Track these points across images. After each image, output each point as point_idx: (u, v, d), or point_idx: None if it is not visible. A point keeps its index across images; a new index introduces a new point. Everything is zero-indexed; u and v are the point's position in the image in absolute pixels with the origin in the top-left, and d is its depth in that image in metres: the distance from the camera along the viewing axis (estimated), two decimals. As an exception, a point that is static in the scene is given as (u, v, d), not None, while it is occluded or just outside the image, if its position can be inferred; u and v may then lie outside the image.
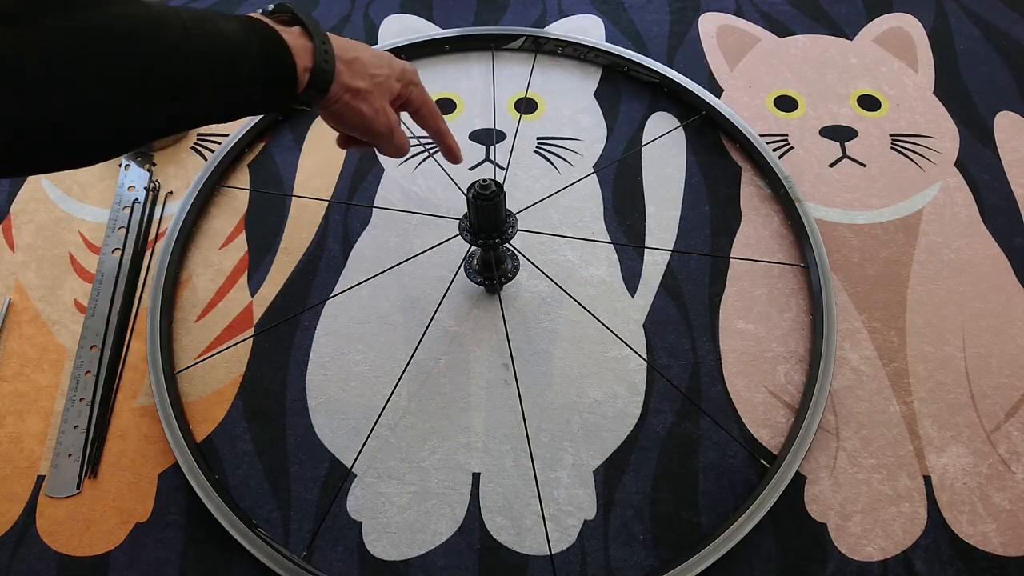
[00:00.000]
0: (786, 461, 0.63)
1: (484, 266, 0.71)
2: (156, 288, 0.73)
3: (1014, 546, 0.61)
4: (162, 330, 0.71)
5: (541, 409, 0.68)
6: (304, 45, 0.49)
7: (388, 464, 0.66)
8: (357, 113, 0.55)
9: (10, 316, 0.74)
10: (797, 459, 0.63)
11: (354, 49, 0.54)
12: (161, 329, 0.71)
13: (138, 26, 0.39)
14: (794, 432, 0.65)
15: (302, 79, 0.49)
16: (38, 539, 0.63)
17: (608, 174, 0.83)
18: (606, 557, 0.62)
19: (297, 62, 0.48)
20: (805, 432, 0.64)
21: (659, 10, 0.99)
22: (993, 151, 0.84)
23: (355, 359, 0.71)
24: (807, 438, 0.64)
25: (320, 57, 0.50)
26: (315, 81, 0.50)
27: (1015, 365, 0.70)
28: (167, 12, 0.41)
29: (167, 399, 0.67)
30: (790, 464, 0.63)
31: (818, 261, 0.73)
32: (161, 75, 0.40)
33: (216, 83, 0.44)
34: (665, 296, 0.75)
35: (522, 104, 0.89)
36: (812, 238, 0.74)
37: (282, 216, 0.81)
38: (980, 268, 0.76)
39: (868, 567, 0.61)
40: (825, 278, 0.72)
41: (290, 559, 0.59)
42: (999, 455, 0.65)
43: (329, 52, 0.51)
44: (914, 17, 0.98)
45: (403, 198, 0.82)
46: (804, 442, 0.64)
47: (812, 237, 0.74)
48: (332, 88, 0.52)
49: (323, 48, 0.50)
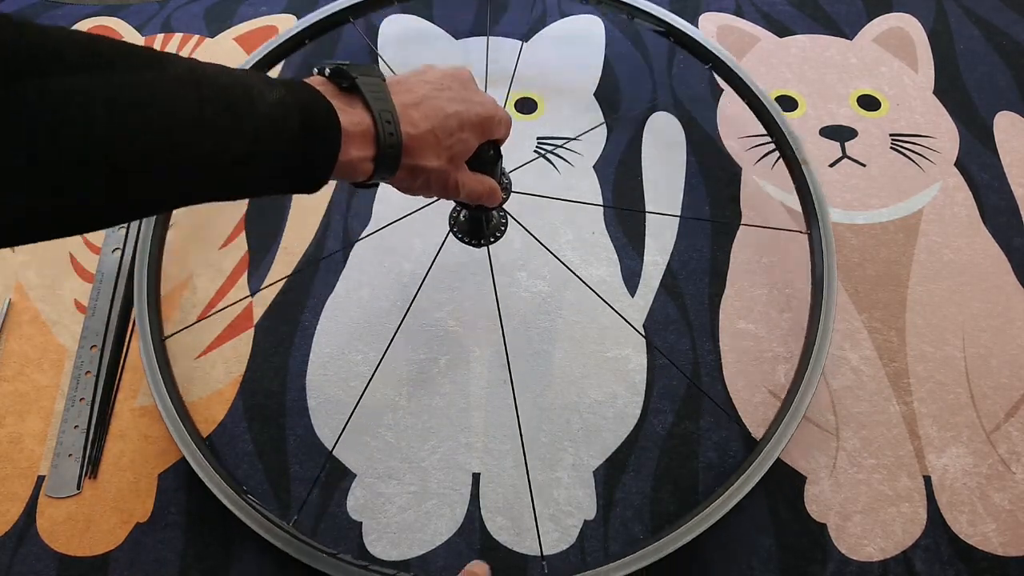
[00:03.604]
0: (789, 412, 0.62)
1: (472, 223, 0.63)
2: (143, 245, 0.71)
3: (1014, 546, 0.61)
4: (150, 292, 0.68)
5: (541, 409, 0.68)
6: (360, 124, 0.40)
7: (388, 464, 0.66)
8: (426, 193, 0.47)
9: (10, 316, 0.74)
10: (802, 408, 0.62)
11: (424, 108, 0.44)
12: (149, 291, 0.68)
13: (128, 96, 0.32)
14: (797, 380, 0.64)
15: (358, 169, 0.42)
16: (38, 539, 0.63)
17: (608, 174, 0.83)
18: (606, 557, 0.62)
19: (347, 148, 0.40)
20: (809, 379, 0.63)
21: (659, 10, 0.99)
22: (993, 151, 0.84)
23: (355, 359, 0.71)
24: (810, 386, 0.63)
25: (384, 142, 0.41)
26: (377, 170, 0.42)
27: (1015, 365, 0.70)
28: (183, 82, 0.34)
29: (155, 363, 0.65)
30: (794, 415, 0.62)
31: (821, 226, 0.70)
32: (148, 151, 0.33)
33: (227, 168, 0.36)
34: (665, 296, 0.75)
35: (522, 104, 0.89)
36: (817, 201, 0.72)
37: (282, 216, 0.81)
38: (980, 268, 0.76)
39: (868, 567, 0.61)
40: (828, 239, 0.69)
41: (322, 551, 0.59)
42: (999, 455, 0.65)
43: (395, 133, 0.42)
44: (914, 17, 0.98)
45: (403, 197, 0.82)
46: (808, 389, 0.63)
47: (817, 200, 0.72)
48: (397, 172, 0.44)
49: (387, 130, 0.41)
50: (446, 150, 0.45)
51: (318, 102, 0.39)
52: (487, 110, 0.47)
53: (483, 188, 0.50)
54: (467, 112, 0.45)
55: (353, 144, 0.40)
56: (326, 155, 0.40)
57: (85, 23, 0.97)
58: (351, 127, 0.40)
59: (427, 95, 0.44)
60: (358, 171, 0.42)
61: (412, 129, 0.43)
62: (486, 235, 0.63)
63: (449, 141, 0.45)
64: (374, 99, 0.41)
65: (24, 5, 1.00)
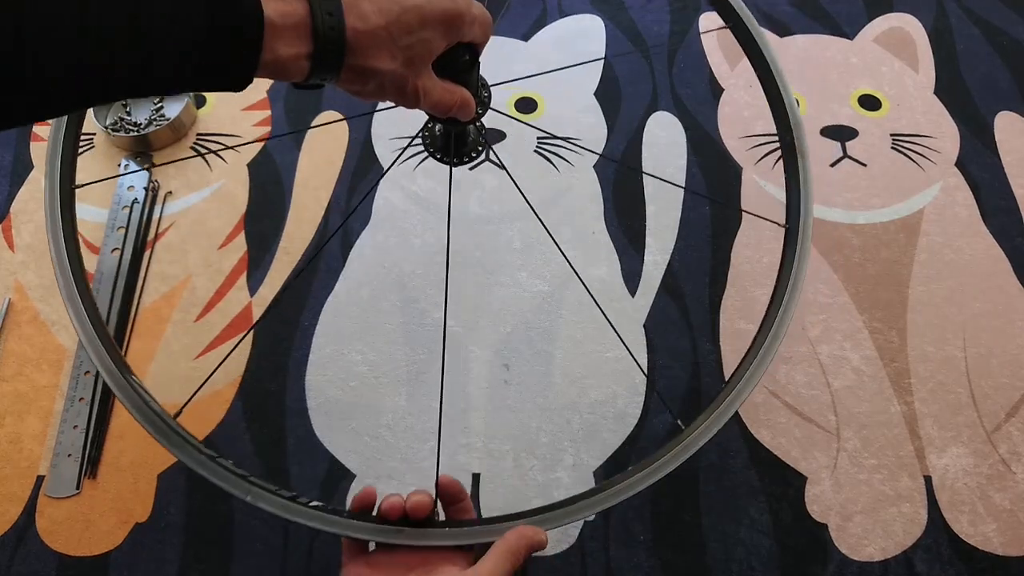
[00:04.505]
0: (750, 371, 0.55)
1: (445, 138, 0.56)
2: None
3: (1014, 546, 0.61)
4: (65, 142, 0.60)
5: (541, 409, 0.68)
6: (293, 14, 0.35)
7: (388, 464, 0.66)
8: (380, 98, 0.41)
9: (10, 316, 0.74)
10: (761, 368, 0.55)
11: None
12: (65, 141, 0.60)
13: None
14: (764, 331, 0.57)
15: (291, 68, 0.36)
16: (38, 539, 0.63)
17: (609, 174, 0.83)
18: (606, 557, 0.62)
19: (274, 44, 0.34)
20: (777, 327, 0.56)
21: (659, 10, 0.99)
22: (993, 151, 0.84)
23: (354, 359, 0.71)
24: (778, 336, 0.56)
25: (323, 36, 0.35)
26: (316, 70, 0.37)
27: (1016, 365, 0.70)
28: None
29: (59, 218, 0.58)
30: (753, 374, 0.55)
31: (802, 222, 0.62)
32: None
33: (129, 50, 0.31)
34: (665, 296, 0.75)
35: (522, 104, 0.89)
36: (803, 196, 0.63)
37: (282, 216, 0.81)
38: (981, 268, 0.76)
39: (869, 567, 0.61)
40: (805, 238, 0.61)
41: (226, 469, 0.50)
42: (1000, 455, 0.65)
43: (337, 27, 0.35)
44: (914, 17, 0.97)
45: (403, 197, 0.82)
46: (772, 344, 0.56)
47: (804, 195, 0.63)
48: (341, 73, 0.38)
49: (328, 23, 0.35)
50: (403, 50, 0.38)
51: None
52: (455, 4, 0.39)
53: (452, 99, 0.43)
54: (430, 6, 0.38)
55: (282, 39, 0.34)
56: (243, 54, 0.34)
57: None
58: (280, 18, 0.34)
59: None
60: (291, 70, 0.36)
61: (360, 23, 0.36)
62: (461, 153, 0.56)
63: (407, 40, 0.38)
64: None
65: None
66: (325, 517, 0.46)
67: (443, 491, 0.51)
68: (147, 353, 0.72)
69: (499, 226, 0.79)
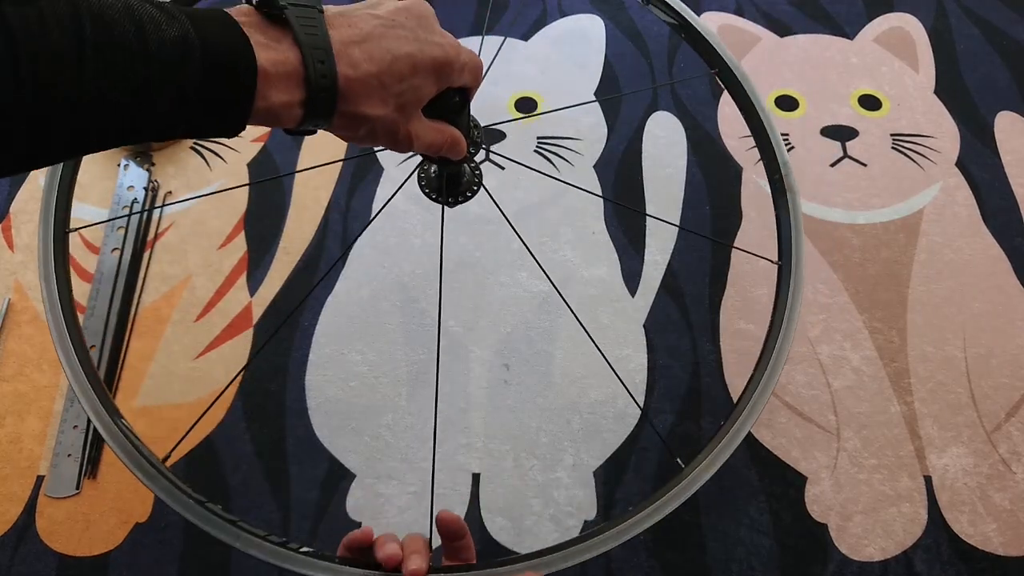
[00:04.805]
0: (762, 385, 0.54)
1: (440, 179, 0.56)
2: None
3: (1014, 546, 0.61)
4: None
5: (541, 409, 0.68)
6: (285, 63, 0.35)
7: (388, 464, 0.66)
8: (372, 143, 0.41)
9: (10, 316, 0.74)
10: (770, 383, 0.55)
11: (369, 46, 0.37)
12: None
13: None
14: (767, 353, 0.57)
15: (283, 116, 0.36)
16: (38, 539, 0.63)
17: (609, 174, 0.83)
18: (606, 557, 0.62)
19: (267, 92, 0.34)
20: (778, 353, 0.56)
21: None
22: (993, 151, 0.84)
23: (354, 359, 0.71)
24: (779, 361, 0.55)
25: (315, 84, 0.35)
26: (308, 116, 0.37)
27: (1015, 365, 0.70)
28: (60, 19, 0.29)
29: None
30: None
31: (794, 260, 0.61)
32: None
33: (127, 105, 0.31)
34: (665, 296, 0.75)
35: (522, 104, 0.89)
36: (795, 235, 0.62)
37: (282, 216, 0.81)
38: (981, 268, 0.76)
39: (869, 567, 0.61)
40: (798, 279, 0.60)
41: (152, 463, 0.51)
42: (1000, 455, 0.65)
43: (329, 75, 0.35)
44: (914, 17, 0.97)
45: (403, 197, 0.82)
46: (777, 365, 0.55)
47: (795, 234, 0.62)
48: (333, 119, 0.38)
49: (319, 71, 0.35)
50: (394, 97, 0.38)
51: (231, 38, 0.33)
52: (445, 53, 0.40)
53: (442, 139, 0.44)
54: (421, 54, 0.39)
55: (275, 87, 0.34)
56: (237, 102, 0.34)
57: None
58: (273, 67, 0.34)
59: (373, 31, 0.37)
60: (284, 117, 0.36)
61: (351, 71, 0.36)
62: (456, 193, 0.56)
63: (398, 87, 0.38)
64: (306, 33, 0.35)
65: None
66: (315, 563, 0.46)
67: (443, 527, 0.47)
68: (147, 353, 0.72)
69: (499, 226, 0.79)
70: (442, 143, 0.44)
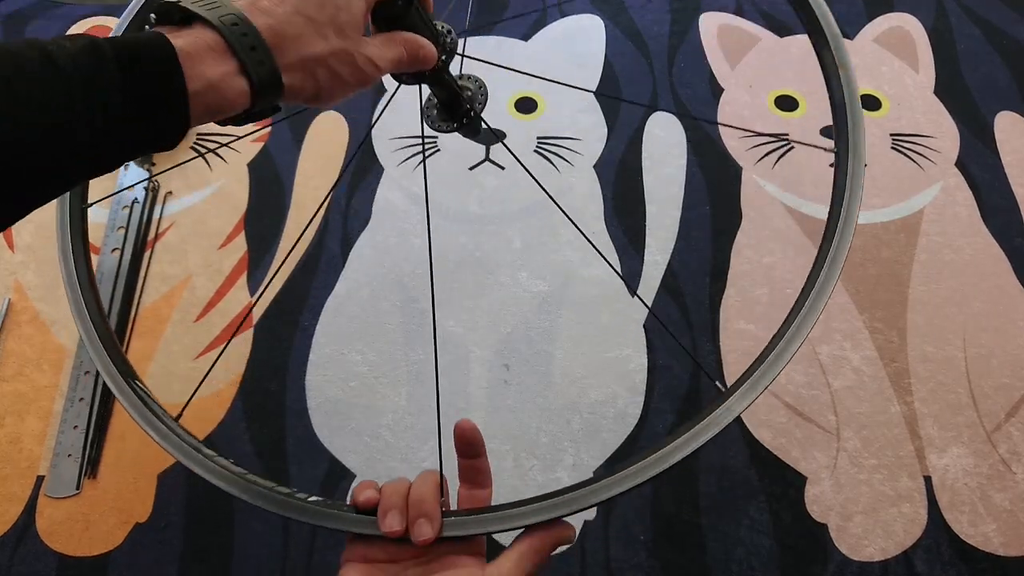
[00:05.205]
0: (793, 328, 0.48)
1: (440, 106, 0.54)
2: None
3: (1014, 546, 0.61)
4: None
5: (541, 409, 0.68)
6: (199, 39, 0.33)
7: (388, 464, 0.66)
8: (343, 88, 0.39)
9: (10, 316, 0.74)
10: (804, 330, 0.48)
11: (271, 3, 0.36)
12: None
13: None
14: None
15: (229, 91, 0.34)
16: (38, 539, 0.63)
17: (609, 174, 0.83)
18: (606, 557, 0.62)
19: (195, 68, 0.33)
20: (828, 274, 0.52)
21: (659, 10, 0.98)
22: (993, 151, 0.84)
23: (354, 359, 0.71)
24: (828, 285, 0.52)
25: (238, 45, 0.34)
26: (256, 87, 0.35)
27: (1015, 365, 0.70)
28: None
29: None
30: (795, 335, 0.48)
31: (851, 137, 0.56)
32: None
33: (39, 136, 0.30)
34: (665, 296, 0.75)
35: (522, 104, 0.89)
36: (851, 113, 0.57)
37: (282, 216, 0.81)
38: (981, 268, 0.76)
39: (869, 567, 0.61)
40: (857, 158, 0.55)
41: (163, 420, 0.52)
42: (1000, 455, 0.65)
43: (249, 33, 0.34)
44: (914, 17, 0.97)
45: (403, 197, 0.82)
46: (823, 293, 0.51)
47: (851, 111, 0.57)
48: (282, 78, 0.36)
49: (237, 32, 0.34)
50: (328, 26, 0.37)
51: (141, 36, 0.32)
52: None
53: (402, 48, 0.41)
54: None
55: (201, 62, 0.33)
56: (168, 87, 0.32)
57: (84, 23, 0.97)
58: (189, 46, 0.33)
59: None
60: (231, 93, 0.34)
61: (268, 18, 0.35)
62: (459, 115, 0.53)
63: (326, 14, 0.36)
64: (208, 11, 0.34)
65: (24, 5, 1.00)
66: (324, 512, 0.45)
67: (458, 439, 0.43)
68: (147, 353, 0.72)
69: (499, 226, 0.79)
70: (403, 52, 0.41)
